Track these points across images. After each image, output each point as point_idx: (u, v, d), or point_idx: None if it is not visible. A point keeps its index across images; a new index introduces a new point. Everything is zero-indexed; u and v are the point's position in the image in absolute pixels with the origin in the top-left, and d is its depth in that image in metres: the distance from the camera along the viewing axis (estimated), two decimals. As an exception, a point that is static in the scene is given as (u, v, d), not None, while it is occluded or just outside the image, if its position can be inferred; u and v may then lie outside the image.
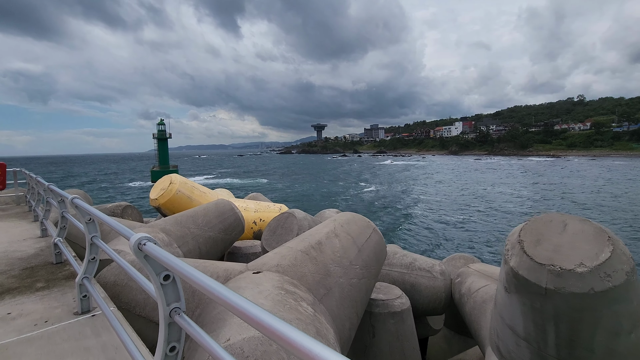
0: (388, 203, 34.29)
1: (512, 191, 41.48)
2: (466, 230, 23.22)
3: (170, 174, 8.54)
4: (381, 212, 29.90)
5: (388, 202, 35.12)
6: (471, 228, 23.84)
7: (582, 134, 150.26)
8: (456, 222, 25.78)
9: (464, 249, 18.81)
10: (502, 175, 65.31)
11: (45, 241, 4.29)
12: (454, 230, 23.42)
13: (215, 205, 7.31)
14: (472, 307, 4.93)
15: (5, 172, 6.84)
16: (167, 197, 8.03)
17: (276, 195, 39.38)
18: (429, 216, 27.81)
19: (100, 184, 64.72)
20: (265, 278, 3.28)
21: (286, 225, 5.46)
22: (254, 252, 7.93)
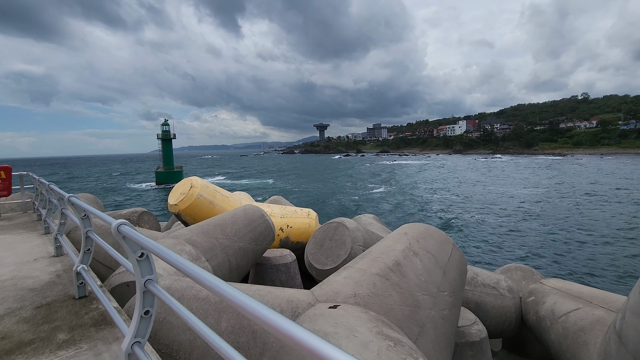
0: (408, 205, 33.11)
1: (544, 190, 39.73)
2: (507, 235, 21.14)
3: (190, 177, 7.81)
4: (404, 214, 28.99)
5: (408, 203, 33.95)
6: (514, 234, 21.59)
7: (588, 132, 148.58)
8: (495, 226, 23.62)
9: (511, 258, 16.75)
10: (524, 173, 63.62)
11: (60, 262, 3.56)
12: (494, 235, 21.27)
13: (244, 212, 6.57)
14: (561, 335, 4.14)
15: (11, 177, 6.16)
16: (188, 203, 7.29)
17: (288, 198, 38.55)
18: (462, 219, 25.95)
19: (105, 186, 64.23)
20: (351, 316, 2.52)
21: (336, 237, 4.70)
22: (284, 262, 7.20)
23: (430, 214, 28.45)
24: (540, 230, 22.39)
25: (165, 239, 5.61)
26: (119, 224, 1.69)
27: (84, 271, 2.51)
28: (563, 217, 25.85)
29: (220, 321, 2.85)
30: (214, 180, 69.22)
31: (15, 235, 4.65)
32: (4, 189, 6.11)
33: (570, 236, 20.57)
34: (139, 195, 47.09)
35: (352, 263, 3.56)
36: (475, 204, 32.35)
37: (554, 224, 24.00)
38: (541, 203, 32.06)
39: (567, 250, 17.82)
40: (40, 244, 4.29)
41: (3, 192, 6.15)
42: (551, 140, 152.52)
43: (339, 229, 4.75)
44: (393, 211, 30.37)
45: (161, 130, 63.98)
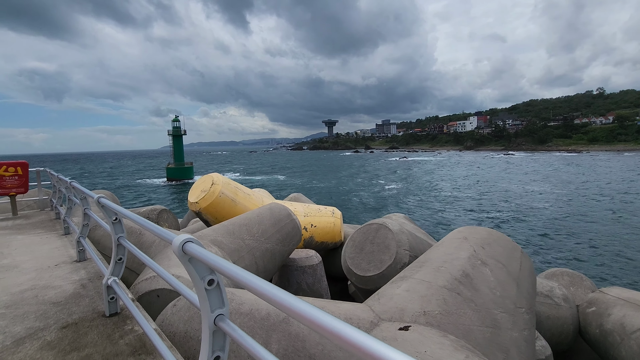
0: (433, 203, 32.18)
1: (574, 188, 38.24)
2: (543, 236, 20.05)
3: (210, 174, 7.47)
4: (432, 212, 28.32)
5: (432, 201, 33.04)
6: (550, 234, 20.51)
7: (604, 128, 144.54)
8: (529, 226, 22.52)
9: (551, 261, 15.67)
10: (546, 170, 61.86)
11: (84, 269, 3.22)
12: (529, 235, 20.20)
13: (270, 211, 6.20)
14: (636, 354, 3.67)
15: (28, 173, 5.90)
16: (209, 201, 6.95)
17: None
18: (492, 218, 24.92)
19: (116, 181, 64.86)
20: (432, 343, 2.10)
21: (378, 241, 4.28)
22: (311, 264, 6.82)
23: (458, 213, 27.68)
24: (577, 230, 21.36)
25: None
26: (185, 241, 1.29)
27: (115, 284, 2.15)
28: (601, 217, 24.64)
29: (269, 342, 2.45)
30: (227, 177, 69.34)
31: (33, 235, 4.36)
32: (20, 186, 5.86)
33: (614, 238, 19.36)
34: (150, 191, 47.33)
35: (408, 272, 3.13)
36: (502, 202, 31.17)
37: (592, 224, 22.86)
38: (573, 201, 30.80)
39: (612, 252, 16.71)
40: (60, 246, 3.98)
41: (20, 189, 5.90)
42: (565, 137, 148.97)
43: (380, 231, 4.33)
44: (418, 209, 29.59)
45: (172, 126, 64.24)
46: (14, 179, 5.74)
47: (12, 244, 3.98)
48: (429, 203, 32.46)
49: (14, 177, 5.72)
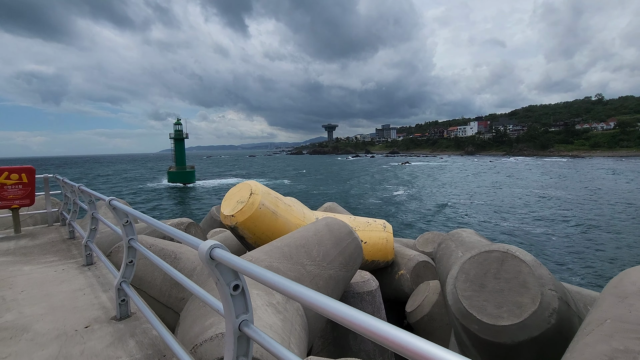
0: (453, 211, 30.72)
1: (597, 196, 36.57)
2: (588, 247, 18.87)
3: (247, 181, 6.40)
4: (455, 223, 27.11)
5: (454, 210, 31.60)
6: (591, 242, 19.53)
7: (606, 133, 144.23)
8: (571, 236, 21.34)
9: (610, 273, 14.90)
10: (560, 176, 60.17)
11: (132, 335, 2.14)
12: (578, 246, 19.05)
13: (329, 229, 5.13)
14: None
15: (34, 181, 4.81)
16: (248, 214, 5.88)
17: (311, 202, 36.92)
18: (528, 230, 22.95)
19: (117, 185, 63.59)
20: None
21: (506, 276, 3.20)
22: (369, 289, 5.75)
23: (477, 219, 26.67)
24: (616, 239, 20.31)
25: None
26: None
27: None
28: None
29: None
30: (229, 181, 68.19)
31: (44, 265, 3.27)
32: (25, 197, 4.75)
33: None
34: (151, 196, 46.11)
35: (602, 336, 2.06)
36: (531, 211, 29.39)
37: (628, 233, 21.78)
38: (599, 210, 29.64)
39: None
40: (85, 285, 2.91)
41: (24, 201, 4.78)
42: (567, 142, 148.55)
43: (508, 262, 3.24)
44: (432, 215, 28.42)
45: (174, 129, 63.17)
46: (18, 188, 4.65)
47: (17, 281, 2.90)
48: (429, 206, 31.51)
49: (18, 186, 4.63)
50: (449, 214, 29.17)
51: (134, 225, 2.48)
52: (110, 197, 2.60)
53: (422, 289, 6.42)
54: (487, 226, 24.65)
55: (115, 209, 2.36)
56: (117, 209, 2.35)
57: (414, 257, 7.09)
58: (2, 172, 4.47)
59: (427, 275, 7.04)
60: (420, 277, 6.96)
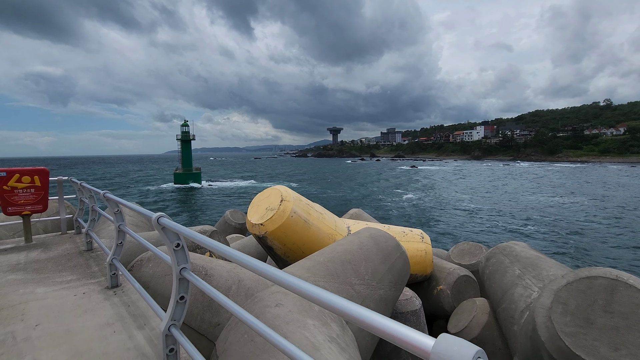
0: (456, 215, 29.82)
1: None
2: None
3: (276, 186, 5.87)
4: (454, 225, 26.51)
5: (455, 213, 30.73)
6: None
7: (615, 139, 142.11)
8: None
9: None
10: (580, 182, 58.71)
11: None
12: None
13: (374, 241, 4.57)
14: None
15: (48, 184, 4.28)
16: (279, 222, 5.34)
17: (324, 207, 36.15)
18: (579, 241, 21.30)
19: (124, 186, 63.51)
20: None
21: (620, 308, 2.65)
22: (413, 309, 5.19)
23: (491, 225, 25.86)
24: None
25: (277, 288, 3.66)
26: (159, 216, 1.78)
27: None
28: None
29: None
30: (236, 184, 67.83)
31: (60, 287, 2.74)
32: (37, 202, 4.22)
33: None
34: (157, 197, 45.82)
35: None
36: (574, 219, 27.72)
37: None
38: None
39: None
40: (114, 319, 2.31)
41: (37, 207, 4.24)
42: (576, 148, 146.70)
43: (620, 292, 2.67)
44: (445, 220, 27.50)
45: (181, 131, 63.08)
46: (30, 192, 4.14)
47: (30, 309, 2.34)
48: (454, 214, 30.60)
49: (30, 190, 4.12)
50: (476, 222, 27.60)
51: (187, 250, 1.99)
52: (158, 213, 1.96)
53: (466, 307, 5.82)
54: (521, 237, 22.79)
55: (165, 229, 1.81)
56: (167, 228, 1.80)
57: (454, 270, 6.49)
58: (13, 175, 3.96)
59: (469, 292, 6.44)
60: (461, 294, 6.36)
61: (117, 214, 2.47)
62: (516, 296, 4.63)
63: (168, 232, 1.87)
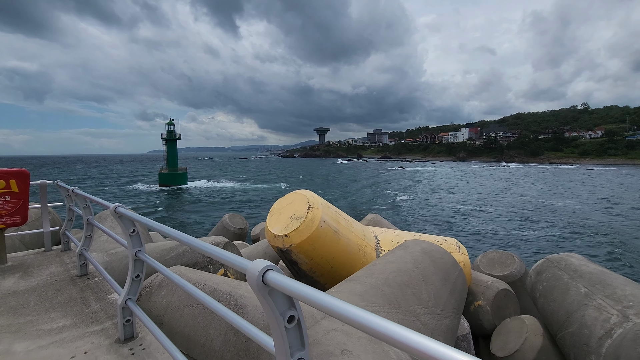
0: (453, 217, 29.09)
1: None
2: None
3: (300, 191, 5.10)
4: (449, 225, 26.14)
5: (452, 215, 30.08)
6: None
7: (594, 141, 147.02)
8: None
9: None
10: (577, 184, 59.25)
11: None
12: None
13: (430, 258, 3.87)
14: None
15: (28, 190, 3.33)
16: (307, 233, 4.58)
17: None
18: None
19: (105, 187, 61.03)
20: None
21: None
22: (462, 333, 4.50)
23: (482, 225, 25.63)
24: None
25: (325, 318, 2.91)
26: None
27: None
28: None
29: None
30: (223, 184, 66.21)
31: (49, 342, 1.77)
32: (14, 212, 3.21)
33: None
34: (141, 199, 44.03)
35: None
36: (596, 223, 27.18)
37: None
38: None
39: None
40: None
41: (14, 219, 3.21)
42: (557, 150, 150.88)
43: None
44: (441, 222, 27.05)
45: (166, 130, 61.05)
46: (4, 200, 3.22)
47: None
48: (451, 215, 30.37)
49: (4, 198, 3.19)
50: (490, 226, 26.01)
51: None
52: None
53: (513, 327, 5.18)
54: (539, 242, 21.29)
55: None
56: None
57: (492, 284, 5.87)
58: (-18, 178, 3.06)
59: (509, 307, 5.82)
60: (501, 310, 5.73)
61: (134, 235, 1.77)
62: (588, 319, 4.01)
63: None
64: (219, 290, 3.21)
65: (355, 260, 5.13)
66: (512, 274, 6.63)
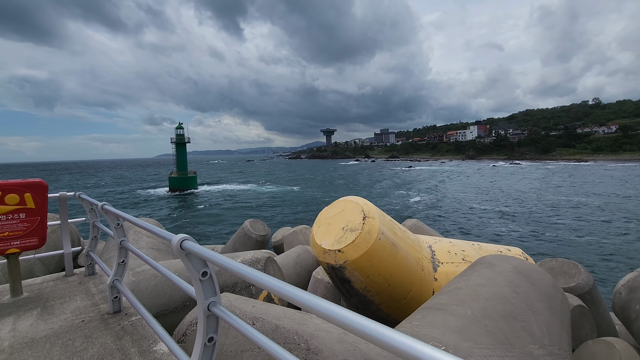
0: (470, 217, 28.41)
1: None
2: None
3: (350, 197, 4.45)
4: (469, 227, 25.25)
5: (468, 216, 29.32)
6: None
7: (608, 137, 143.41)
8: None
9: None
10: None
11: None
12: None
13: (526, 279, 3.21)
14: None
15: (47, 204, 2.74)
16: (365, 247, 3.94)
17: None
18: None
19: (117, 193, 61.28)
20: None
21: None
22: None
23: (506, 227, 24.73)
24: None
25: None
26: (182, 239, 1.49)
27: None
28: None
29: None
30: (232, 187, 65.98)
31: None
32: (31, 233, 2.72)
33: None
34: (152, 203, 43.87)
35: None
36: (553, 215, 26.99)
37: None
38: None
39: None
40: None
41: (30, 241, 2.69)
42: (569, 146, 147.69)
43: None
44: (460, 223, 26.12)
45: (175, 133, 61.03)
46: (18, 218, 2.64)
47: None
48: (467, 216, 29.45)
49: (18, 215, 2.61)
50: (526, 229, 24.52)
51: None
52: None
53: (599, 352, 4.45)
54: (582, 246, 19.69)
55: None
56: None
57: (563, 299, 5.13)
58: (-8, 191, 2.47)
59: (585, 327, 5.09)
60: (577, 330, 5.00)
61: (202, 270, 1.29)
62: None
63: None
64: (282, 328, 2.58)
65: (414, 276, 4.47)
66: (579, 285, 5.88)
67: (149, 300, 3.96)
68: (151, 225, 1.92)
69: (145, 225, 2.00)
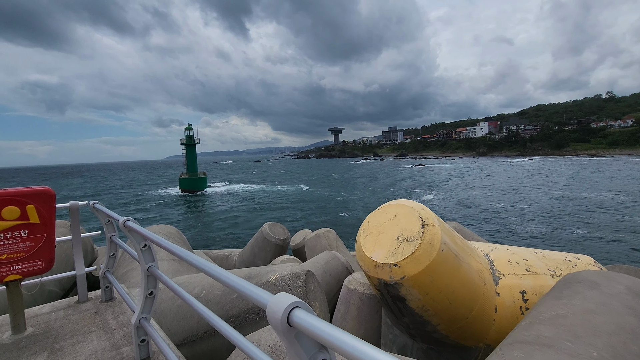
0: (489, 216, 27.41)
1: None
2: None
3: (402, 201, 3.84)
4: (490, 228, 24.34)
5: (486, 214, 28.29)
6: None
7: (624, 131, 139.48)
8: None
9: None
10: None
11: None
12: None
13: (627, 308, 2.52)
14: None
15: (54, 217, 2.28)
16: (427, 261, 3.34)
17: (333, 209, 33.84)
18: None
19: (128, 195, 61.59)
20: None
21: None
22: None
23: (532, 227, 23.78)
24: None
25: None
26: (125, 220, 1.95)
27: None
28: None
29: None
30: (241, 187, 65.77)
31: None
32: (35, 254, 2.19)
33: None
34: (163, 204, 43.77)
35: None
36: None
37: None
38: None
39: None
40: None
41: (35, 264, 2.15)
42: (583, 141, 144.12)
43: None
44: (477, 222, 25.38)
45: (185, 135, 61.09)
46: (20, 236, 2.10)
47: None
48: (484, 215, 28.46)
49: (20, 233, 2.09)
50: (490, 218, 25.20)
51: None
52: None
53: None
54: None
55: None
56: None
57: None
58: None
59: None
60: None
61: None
62: None
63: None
64: None
65: (476, 291, 3.84)
66: (652, 297, 5.17)
67: (174, 324, 3.41)
68: (180, 249, 1.55)
69: (175, 250, 1.46)
